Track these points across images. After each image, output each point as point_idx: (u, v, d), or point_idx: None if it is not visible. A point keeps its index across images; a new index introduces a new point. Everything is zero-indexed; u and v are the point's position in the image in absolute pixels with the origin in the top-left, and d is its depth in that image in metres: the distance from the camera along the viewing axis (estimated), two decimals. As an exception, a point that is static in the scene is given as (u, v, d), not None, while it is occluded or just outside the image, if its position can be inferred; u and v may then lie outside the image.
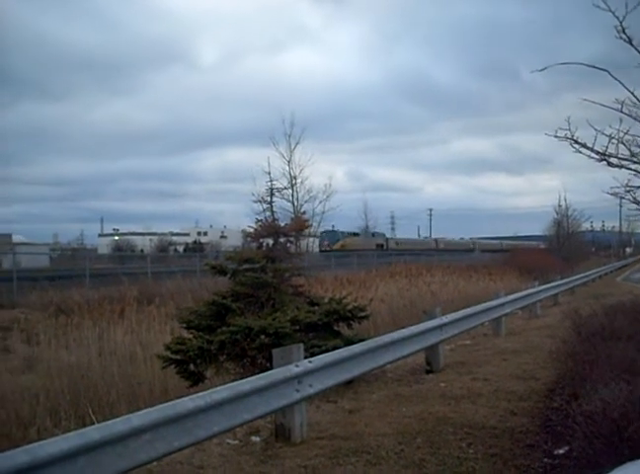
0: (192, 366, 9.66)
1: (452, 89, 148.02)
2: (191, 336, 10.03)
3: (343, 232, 77.27)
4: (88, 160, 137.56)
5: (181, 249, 76.99)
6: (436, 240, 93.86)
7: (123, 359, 11.31)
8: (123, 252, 68.72)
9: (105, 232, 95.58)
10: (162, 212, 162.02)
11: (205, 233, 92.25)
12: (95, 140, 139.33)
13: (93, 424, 5.82)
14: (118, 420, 4.83)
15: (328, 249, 71.45)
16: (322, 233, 70.53)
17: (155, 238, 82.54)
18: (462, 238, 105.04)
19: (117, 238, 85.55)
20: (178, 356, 9.56)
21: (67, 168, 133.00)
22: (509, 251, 72.51)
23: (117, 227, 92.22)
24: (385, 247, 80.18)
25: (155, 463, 5.87)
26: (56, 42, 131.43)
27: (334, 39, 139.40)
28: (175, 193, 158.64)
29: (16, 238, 67.69)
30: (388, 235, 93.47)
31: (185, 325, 10.53)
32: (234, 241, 66.99)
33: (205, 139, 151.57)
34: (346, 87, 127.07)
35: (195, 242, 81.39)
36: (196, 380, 9.72)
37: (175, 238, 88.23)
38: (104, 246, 79.70)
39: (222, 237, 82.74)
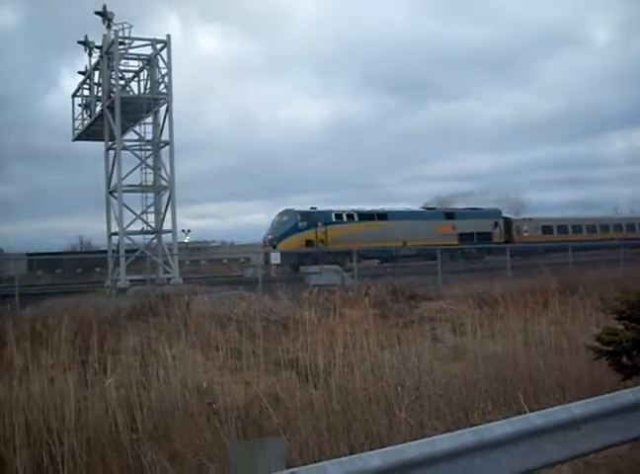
0: (624, 359, 9.28)
1: None
2: (622, 327, 9.64)
3: (328, 212, 44.09)
4: (493, 154, 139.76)
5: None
6: None
7: (549, 350, 11.24)
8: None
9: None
10: (574, 200, 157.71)
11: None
12: (497, 133, 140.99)
13: (524, 411, 5.89)
14: (558, 408, 4.85)
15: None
16: (278, 214, 44.51)
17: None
18: None
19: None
20: (610, 348, 9.25)
21: (475, 162, 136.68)
22: None
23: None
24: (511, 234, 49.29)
25: (592, 455, 5.77)
26: (447, 43, 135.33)
27: None
28: (584, 179, 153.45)
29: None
30: None
31: (616, 315, 10.15)
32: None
33: (610, 121, 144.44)
34: None
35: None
36: (628, 374, 9.31)
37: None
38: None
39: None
